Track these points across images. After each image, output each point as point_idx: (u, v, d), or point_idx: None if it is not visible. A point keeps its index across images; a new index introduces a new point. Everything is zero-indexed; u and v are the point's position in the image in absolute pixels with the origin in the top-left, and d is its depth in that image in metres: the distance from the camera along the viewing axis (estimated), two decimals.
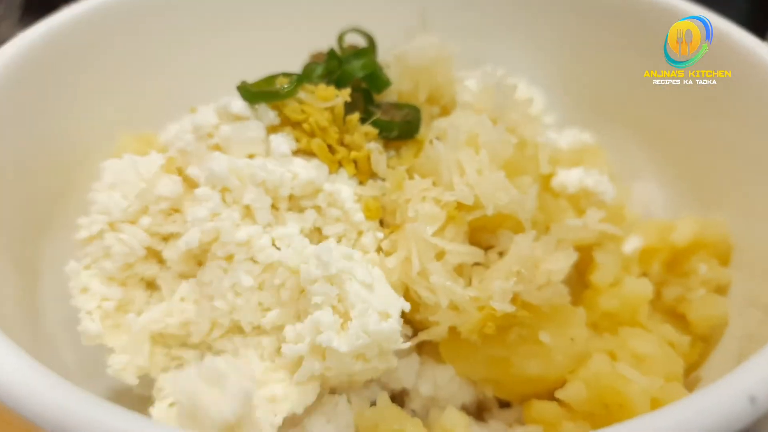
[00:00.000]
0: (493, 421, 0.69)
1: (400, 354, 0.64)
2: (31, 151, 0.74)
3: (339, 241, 0.66)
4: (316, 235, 0.67)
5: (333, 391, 0.65)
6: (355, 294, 0.58)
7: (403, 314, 0.62)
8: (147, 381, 0.65)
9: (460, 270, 0.66)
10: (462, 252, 0.65)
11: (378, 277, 0.62)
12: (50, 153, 0.77)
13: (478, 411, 0.71)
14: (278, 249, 0.62)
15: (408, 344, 0.61)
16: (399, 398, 0.68)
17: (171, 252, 0.64)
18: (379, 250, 0.68)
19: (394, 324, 0.59)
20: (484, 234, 0.70)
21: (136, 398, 0.67)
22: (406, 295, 0.65)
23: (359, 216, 0.66)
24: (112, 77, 0.85)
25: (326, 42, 0.81)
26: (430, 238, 0.64)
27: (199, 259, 0.65)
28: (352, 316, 0.57)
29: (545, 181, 0.77)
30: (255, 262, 0.62)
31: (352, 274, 0.59)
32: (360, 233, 0.67)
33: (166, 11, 0.90)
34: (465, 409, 0.68)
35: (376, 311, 0.58)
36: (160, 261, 0.66)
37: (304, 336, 0.58)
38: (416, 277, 0.63)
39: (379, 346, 0.58)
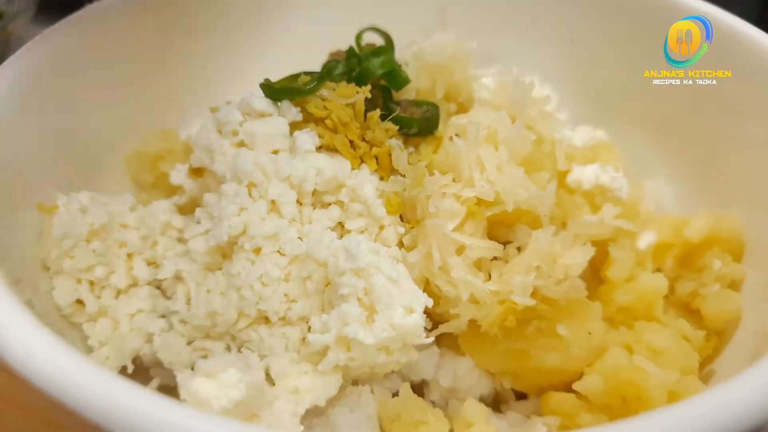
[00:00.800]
0: (511, 412, 0.70)
1: (421, 346, 0.65)
2: (52, 147, 0.75)
3: (361, 234, 0.67)
4: (339, 229, 0.68)
5: (355, 383, 0.66)
6: (382, 288, 0.59)
7: (424, 307, 0.63)
8: (170, 372, 0.67)
9: (479, 264, 0.67)
10: (482, 247, 0.66)
11: (402, 272, 0.63)
12: (71, 149, 0.78)
13: (495, 402, 0.72)
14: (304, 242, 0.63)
15: (431, 340, 0.63)
16: (418, 389, 0.69)
17: (198, 245, 0.65)
18: (400, 245, 0.69)
19: (418, 319, 0.60)
20: (502, 229, 0.71)
21: (161, 389, 0.68)
22: (426, 288, 0.66)
23: (381, 211, 0.67)
24: (130, 76, 0.86)
25: (342, 44, 0.82)
26: (451, 234, 0.65)
27: (224, 251, 0.66)
28: (378, 309, 0.59)
29: (561, 177, 0.79)
30: (282, 254, 0.63)
31: (379, 268, 0.60)
32: (382, 227, 0.68)
33: (182, 10, 0.91)
34: (482, 400, 0.69)
35: (402, 306, 0.59)
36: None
37: (330, 327, 0.59)
38: (437, 271, 0.65)
39: (403, 339, 0.59)
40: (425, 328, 0.64)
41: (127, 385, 0.43)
